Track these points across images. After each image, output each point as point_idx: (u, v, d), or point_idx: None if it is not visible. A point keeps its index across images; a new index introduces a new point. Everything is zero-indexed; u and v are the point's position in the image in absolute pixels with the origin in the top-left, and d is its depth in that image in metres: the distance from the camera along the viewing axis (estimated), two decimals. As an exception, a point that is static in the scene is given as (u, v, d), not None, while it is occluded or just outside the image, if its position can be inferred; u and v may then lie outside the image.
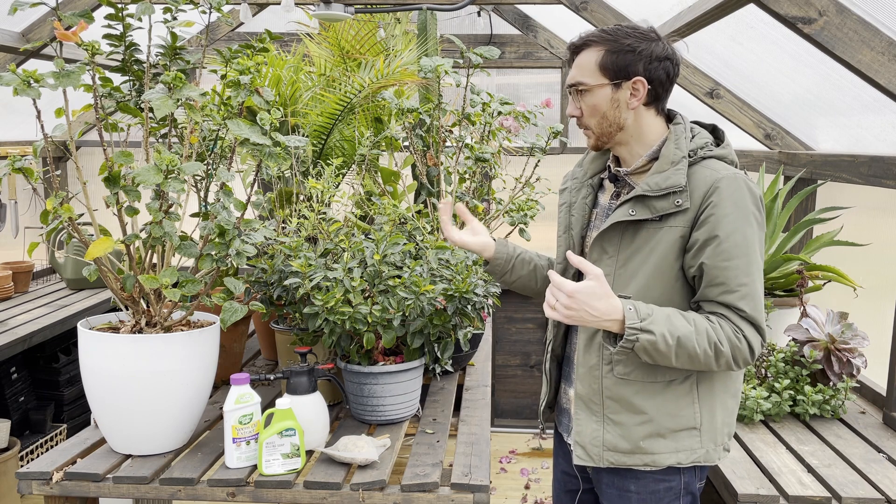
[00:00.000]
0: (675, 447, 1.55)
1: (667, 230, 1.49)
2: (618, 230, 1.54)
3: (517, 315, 4.63)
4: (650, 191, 1.49)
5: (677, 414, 1.54)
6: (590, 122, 1.56)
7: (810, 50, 2.14)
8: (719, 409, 1.57)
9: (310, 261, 1.98)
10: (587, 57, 1.53)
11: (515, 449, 4.36)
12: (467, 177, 2.66)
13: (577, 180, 1.71)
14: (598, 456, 1.58)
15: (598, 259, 1.57)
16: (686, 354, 1.43)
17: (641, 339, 1.41)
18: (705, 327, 1.44)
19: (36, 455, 3.45)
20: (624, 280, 1.53)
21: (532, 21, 4.58)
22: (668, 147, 1.53)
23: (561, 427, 1.78)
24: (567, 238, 1.67)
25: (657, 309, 1.45)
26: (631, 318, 1.41)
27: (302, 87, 2.89)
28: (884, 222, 2.74)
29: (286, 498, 1.67)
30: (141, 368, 1.70)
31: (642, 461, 1.56)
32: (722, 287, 1.45)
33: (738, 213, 1.45)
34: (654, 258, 1.50)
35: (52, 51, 1.72)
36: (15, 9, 1.65)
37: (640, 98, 1.52)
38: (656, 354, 1.43)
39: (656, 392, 1.54)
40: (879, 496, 1.72)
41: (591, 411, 1.59)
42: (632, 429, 1.55)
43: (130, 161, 1.67)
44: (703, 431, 1.55)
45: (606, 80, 1.51)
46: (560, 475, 1.83)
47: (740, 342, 1.45)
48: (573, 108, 1.58)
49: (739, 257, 1.45)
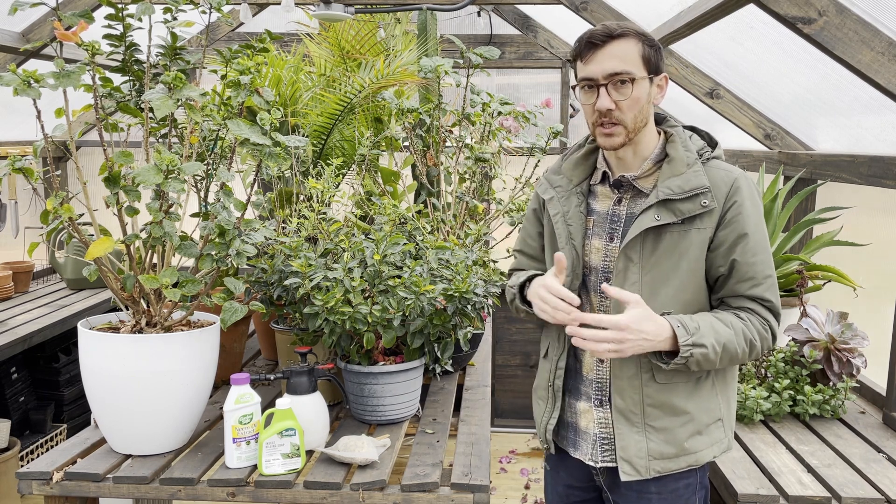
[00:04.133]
0: (710, 441, 1.58)
1: (695, 232, 1.49)
2: (638, 237, 1.51)
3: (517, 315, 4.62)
4: (674, 194, 1.48)
5: (708, 408, 1.58)
6: (626, 116, 1.47)
7: (810, 50, 2.14)
8: (732, 397, 1.64)
9: (310, 261, 1.98)
10: (628, 47, 1.46)
11: (515, 449, 4.36)
12: (467, 177, 2.66)
13: (561, 189, 1.64)
14: (645, 468, 1.55)
15: (624, 268, 1.53)
16: (728, 357, 1.50)
17: (695, 354, 1.45)
18: (741, 327, 1.50)
19: (36, 455, 3.45)
20: (653, 287, 1.52)
21: (532, 21, 4.58)
22: (677, 149, 1.52)
23: (565, 442, 1.71)
24: (570, 249, 1.60)
25: (700, 320, 1.47)
26: (682, 335, 1.44)
27: (302, 87, 2.89)
28: (884, 222, 2.74)
29: (286, 498, 1.67)
30: (141, 368, 1.70)
31: (686, 463, 1.56)
32: (751, 281, 1.50)
33: (756, 210, 1.51)
34: (685, 262, 1.50)
35: (52, 51, 1.72)
36: (15, 9, 1.65)
37: (664, 94, 1.53)
38: (706, 363, 1.48)
39: (691, 390, 1.56)
40: (879, 496, 1.72)
41: (631, 423, 1.56)
42: (675, 432, 1.55)
43: (130, 161, 1.67)
44: (724, 421, 1.61)
45: (647, 72, 1.48)
46: (562, 489, 1.77)
47: (767, 333, 1.53)
48: (607, 101, 1.46)
49: (763, 251, 1.51)
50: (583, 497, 1.75)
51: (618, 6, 3.16)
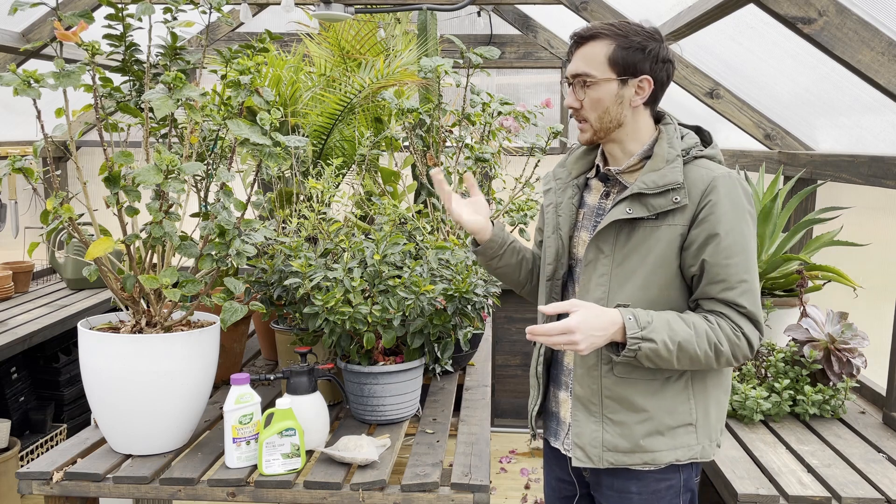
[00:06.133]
0: (674, 444, 1.55)
1: (665, 228, 1.49)
2: (612, 229, 1.53)
3: (517, 315, 4.63)
4: (647, 188, 1.49)
5: (675, 410, 1.55)
6: (590, 115, 1.54)
7: (810, 50, 2.14)
8: (713, 405, 1.59)
9: (310, 261, 1.98)
10: (595, 49, 1.50)
11: (515, 449, 4.36)
12: (467, 177, 2.66)
13: (560, 180, 1.69)
14: (598, 457, 1.57)
15: (594, 259, 1.56)
16: (687, 357, 1.46)
17: (643, 348, 1.43)
18: (704, 329, 1.46)
19: (36, 455, 3.45)
20: (621, 279, 1.53)
21: (532, 21, 4.58)
22: (661, 146, 1.53)
23: (548, 432, 1.75)
24: (556, 238, 1.65)
25: (656, 315, 1.45)
26: (631, 327, 1.42)
27: (302, 87, 2.89)
28: (884, 222, 2.74)
29: (286, 498, 1.67)
30: (141, 368, 1.70)
31: (642, 460, 1.55)
32: (723, 284, 1.47)
33: (735, 210, 1.47)
34: (652, 257, 1.50)
35: (52, 51, 1.72)
36: (15, 9, 1.65)
37: (645, 97, 1.52)
38: (658, 360, 1.45)
39: (655, 390, 1.54)
40: (879, 496, 1.72)
41: (589, 412, 1.58)
42: (632, 427, 1.55)
43: (130, 161, 1.67)
44: (698, 427, 1.57)
45: (614, 74, 1.50)
46: (554, 482, 1.80)
47: (739, 340, 1.47)
48: (573, 99, 1.54)
49: (739, 254, 1.47)
50: (573, 492, 1.75)
51: (618, 6, 3.16)
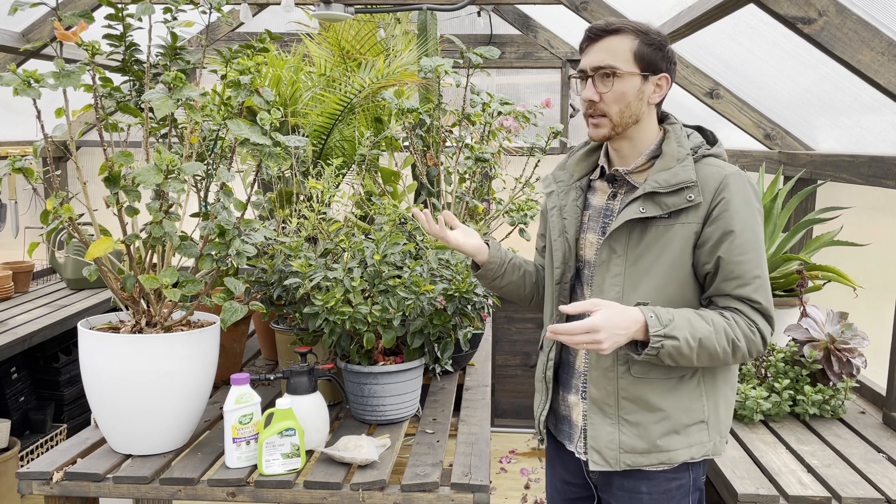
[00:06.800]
0: (688, 442, 1.56)
1: (679, 227, 1.50)
2: (625, 229, 1.53)
3: (517, 315, 4.63)
4: (660, 187, 1.49)
5: (690, 408, 1.56)
6: (611, 109, 1.51)
7: (810, 50, 2.14)
8: (722, 402, 1.60)
9: (310, 261, 1.98)
10: (620, 42, 1.50)
11: (515, 449, 4.36)
12: (467, 177, 2.66)
13: (562, 183, 1.69)
14: (615, 459, 1.56)
15: (607, 259, 1.55)
16: (707, 354, 1.47)
17: (667, 346, 1.43)
18: (723, 325, 1.47)
19: (36, 455, 3.45)
20: (635, 279, 1.53)
21: (532, 21, 4.58)
22: (671, 145, 1.54)
23: (561, 435, 1.73)
24: (563, 242, 1.64)
25: (676, 313, 1.46)
26: (654, 325, 1.43)
27: (302, 87, 2.89)
28: (884, 222, 2.74)
29: (286, 498, 1.67)
30: (141, 368, 1.70)
31: (658, 460, 1.56)
32: (738, 280, 1.48)
33: (748, 208, 1.49)
34: (667, 256, 1.51)
35: (52, 51, 1.72)
36: (15, 9, 1.65)
37: (663, 94, 1.54)
38: (680, 358, 1.45)
39: (670, 388, 1.55)
40: (879, 496, 1.72)
41: (604, 414, 1.57)
42: (649, 428, 1.55)
43: (130, 161, 1.67)
44: (710, 424, 1.58)
45: (638, 69, 1.50)
46: (560, 485, 1.79)
47: (754, 335, 1.49)
48: (592, 91, 1.51)
49: (752, 251, 1.49)
50: (580, 494, 1.75)
51: (618, 6, 3.16)
